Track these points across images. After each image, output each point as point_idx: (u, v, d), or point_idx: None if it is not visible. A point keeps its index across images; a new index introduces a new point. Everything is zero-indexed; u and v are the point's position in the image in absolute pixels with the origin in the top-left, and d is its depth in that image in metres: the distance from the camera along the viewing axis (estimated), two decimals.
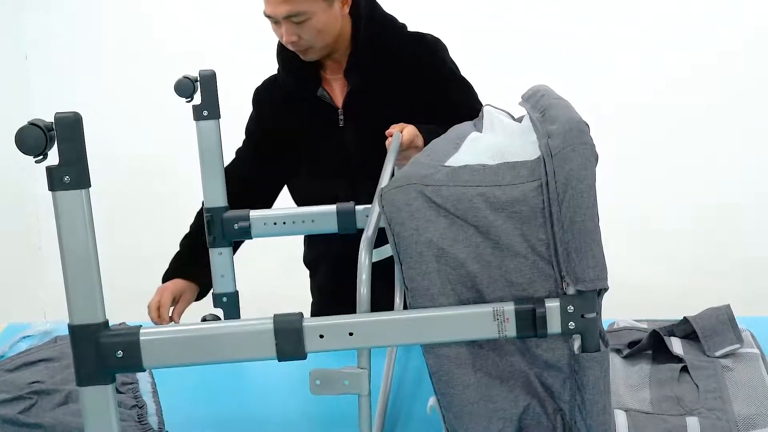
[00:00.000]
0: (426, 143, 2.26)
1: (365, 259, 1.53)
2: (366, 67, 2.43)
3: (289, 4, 2.29)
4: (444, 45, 2.52)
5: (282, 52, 2.51)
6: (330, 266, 2.69)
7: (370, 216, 1.66)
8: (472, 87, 2.53)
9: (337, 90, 2.50)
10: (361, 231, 2.25)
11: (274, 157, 2.57)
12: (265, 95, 2.60)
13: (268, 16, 2.36)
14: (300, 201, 2.59)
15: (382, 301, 1.79)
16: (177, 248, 2.53)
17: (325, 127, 2.48)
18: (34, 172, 1.60)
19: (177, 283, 2.44)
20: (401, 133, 2.23)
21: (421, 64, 2.45)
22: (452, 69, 2.52)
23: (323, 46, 2.40)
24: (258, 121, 2.62)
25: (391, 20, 2.51)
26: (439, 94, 2.44)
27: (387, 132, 2.25)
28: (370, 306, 1.53)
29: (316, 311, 2.76)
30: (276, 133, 2.56)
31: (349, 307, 1.55)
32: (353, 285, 2.52)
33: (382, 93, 2.43)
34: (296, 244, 2.81)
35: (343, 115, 2.47)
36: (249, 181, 2.55)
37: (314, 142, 2.51)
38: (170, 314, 2.34)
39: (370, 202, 2.25)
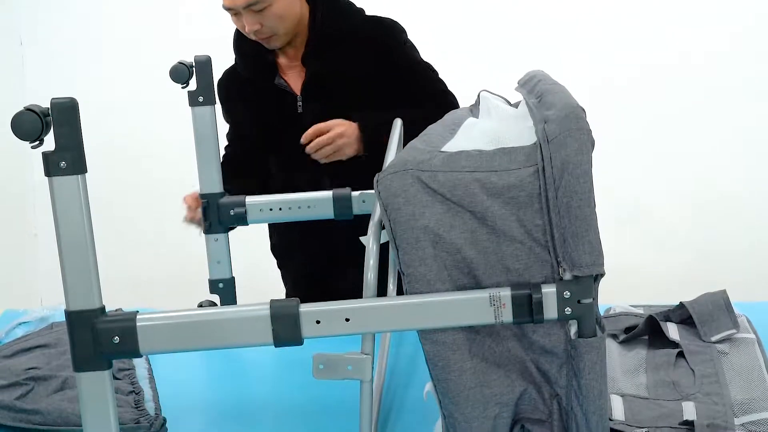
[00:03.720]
0: (368, 140, 2.36)
1: (373, 245, 1.54)
2: (322, 52, 2.44)
3: None
4: (401, 27, 2.52)
5: (239, 41, 2.53)
6: (303, 255, 2.69)
7: (375, 202, 1.66)
8: (431, 68, 2.53)
9: (295, 77, 2.51)
10: (358, 217, 2.29)
11: (254, 146, 2.60)
12: (226, 86, 2.61)
13: (228, 9, 2.37)
14: (275, 189, 2.52)
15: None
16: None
17: (285, 115, 2.49)
18: (30, 157, 1.60)
19: None
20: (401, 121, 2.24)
21: (377, 47, 2.45)
22: (410, 51, 2.52)
23: (286, 31, 2.41)
24: (227, 114, 2.64)
25: (347, 4, 2.51)
26: (396, 76, 2.45)
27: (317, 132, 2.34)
28: (376, 291, 1.53)
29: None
30: (244, 124, 2.59)
31: (323, 294, 1.56)
32: (326, 272, 2.55)
33: (339, 78, 2.44)
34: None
35: (302, 102, 2.47)
36: (244, 167, 2.57)
37: (275, 130, 2.53)
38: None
39: (334, 186, 2.30)
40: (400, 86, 2.43)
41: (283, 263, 2.80)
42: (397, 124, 2.20)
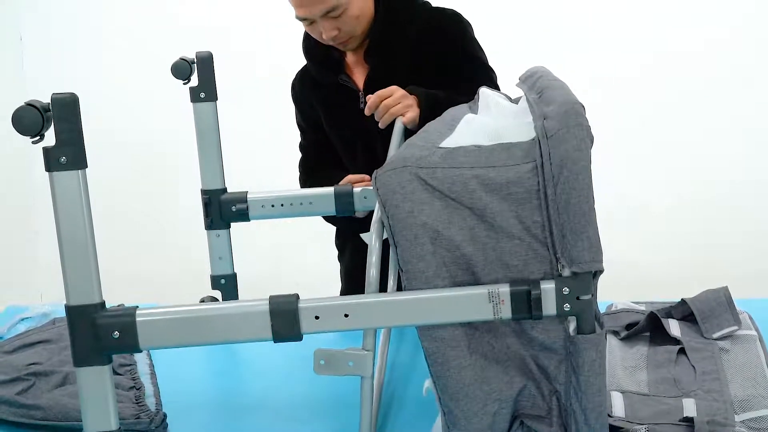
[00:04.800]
0: (426, 108, 2.24)
1: (375, 241, 1.54)
2: (384, 48, 2.39)
3: (326, 2, 2.25)
4: (466, 21, 2.46)
5: (306, 41, 2.49)
6: (353, 249, 2.69)
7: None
8: (488, 67, 2.45)
9: (359, 73, 2.47)
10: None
11: (329, 142, 2.58)
12: (298, 88, 2.58)
13: (302, 19, 2.31)
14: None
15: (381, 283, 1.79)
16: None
17: (349, 111, 2.44)
18: (30, 153, 1.60)
19: None
20: (403, 117, 2.22)
21: (440, 40, 2.40)
22: (470, 46, 2.45)
23: (362, 31, 2.36)
24: (301, 115, 2.61)
25: None
26: (453, 69, 2.39)
27: (368, 98, 2.24)
28: (378, 287, 1.53)
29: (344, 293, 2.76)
30: (317, 122, 2.56)
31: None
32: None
33: (401, 72, 2.37)
34: (294, 227, 2.81)
35: (364, 98, 2.40)
36: (325, 165, 2.57)
37: (341, 127, 2.51)
38: None
39: None
40: (450, 78, 2.37)
41: (339, 257, 2.80)
42: (399, 122, 2.20)
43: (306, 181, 2.62)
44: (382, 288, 1.63)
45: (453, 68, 2.38)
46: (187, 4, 4.58)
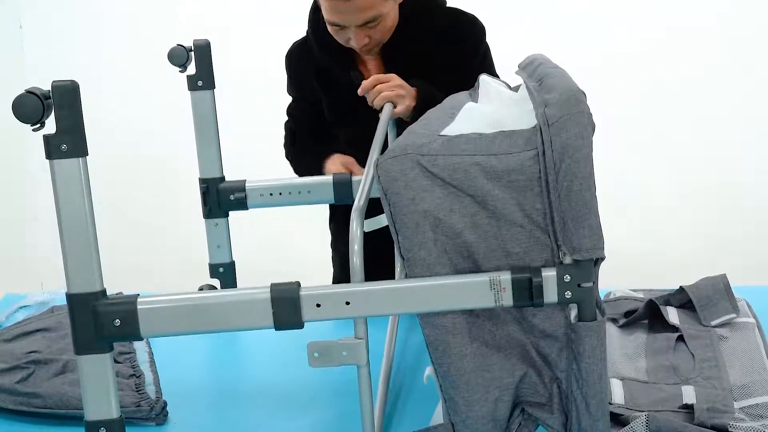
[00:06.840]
0: (421, 102, 2.25)
1: (357, 229, 1.53)
2: (404, 53, 2.38)
3: (366, 12, 2.23)
4: (482, 27, 2.45)
5: (315, 25, 2.45)
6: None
7: (361, 186, 1.66)
8: (492, 73, 2.41)
9: (372, 70, 2.44)
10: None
11: (321, 116, 2.57)
12: (296, 61, 2.56)
13: (333, 24, 2.29)
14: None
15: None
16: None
17: (359, 107, 2.37)
18: (31, 140, 1.60)
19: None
20: (392, 104, 2.22)
21: (455, 42, 2.39)
22: (484, 53, 2.46)
23: (389, 37, 2.35)
24: (296, 87, 2.58)
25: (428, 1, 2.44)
26: (458, 69, 2.36)
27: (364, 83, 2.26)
28: (363, 276, 1.53)
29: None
30: (311, 96, 2.54)
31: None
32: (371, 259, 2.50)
33: (416, 73, 2.35)
34: (292, 215, 2.80)
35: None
36: (314, 135, 2.57)
37: (348, 120, 2.49)
38: None
39: None
40: (457, 79, 2.33)
41: (333, 245, 2.79)
42: (388, 109, 2.19)
43: (291, 144, 2.63)
44: (369, 277, 1.61)
45: (458, 68, 2.36)
46: None
